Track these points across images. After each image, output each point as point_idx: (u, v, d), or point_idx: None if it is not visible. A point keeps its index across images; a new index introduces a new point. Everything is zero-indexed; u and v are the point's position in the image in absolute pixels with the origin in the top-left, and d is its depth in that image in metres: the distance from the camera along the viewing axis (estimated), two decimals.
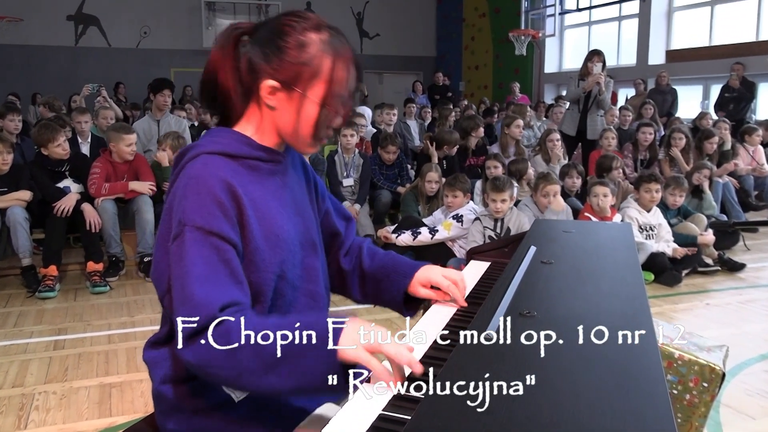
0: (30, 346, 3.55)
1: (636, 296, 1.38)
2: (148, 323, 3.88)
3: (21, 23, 13.40)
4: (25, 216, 4.50)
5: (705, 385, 2.34)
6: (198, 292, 1.16)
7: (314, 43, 1.29)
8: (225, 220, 1.23)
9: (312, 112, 1.30)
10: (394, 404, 1.05)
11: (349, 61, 1.32)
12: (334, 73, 1.29)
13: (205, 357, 1.14)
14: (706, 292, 4.62)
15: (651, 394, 0.94)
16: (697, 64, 10.94)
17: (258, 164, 1.34)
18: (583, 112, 6.87)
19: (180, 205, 1.23)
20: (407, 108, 9.33)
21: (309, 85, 1.29)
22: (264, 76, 1.29)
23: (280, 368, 1.12)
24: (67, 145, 4.78)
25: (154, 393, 1.36)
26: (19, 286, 4.64)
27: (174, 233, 1.23)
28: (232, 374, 1.14)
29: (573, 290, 1.44)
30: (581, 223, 2.56)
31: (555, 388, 0.96)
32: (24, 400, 2.90)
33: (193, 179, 1.24)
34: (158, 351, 1.37)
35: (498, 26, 15.44)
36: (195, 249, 1.19)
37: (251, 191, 1.29)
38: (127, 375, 3.15)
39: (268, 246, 1.29)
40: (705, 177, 5.88)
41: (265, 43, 1.30)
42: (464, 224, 4.67)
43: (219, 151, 1.29)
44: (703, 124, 8.01)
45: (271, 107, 1.32)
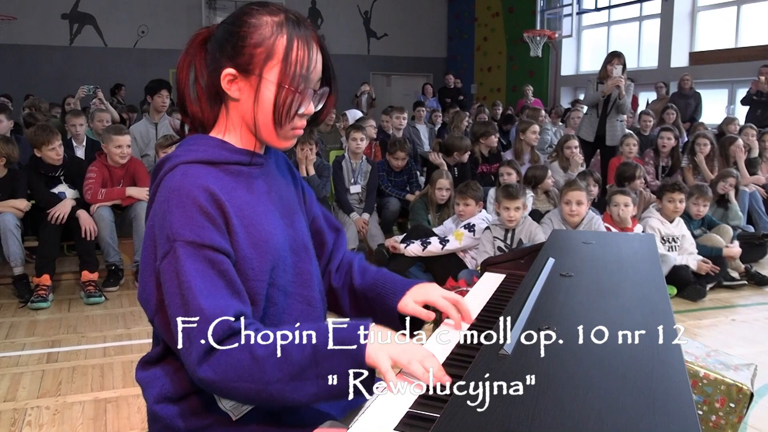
0: (22, 359, 3.57)
1: (661, 311, 1.38)
2: (145, 336, 3.90)
3: (14, 22, 13.49)
4: (16, 223, 4.53)
5: (732, 406, 2.33)
6: (206, 306, 1.18)
7: (267, 24, 1.31)
8: (214, 230, 1.24)
9: (270, 94, 1.31)
10: (421, 402, 1.12)
11: (308, 41, 1.33)
12: (290, 52, 1.30)
13: (229, 372, 1.16)
14: (733, 307, 4.60)
15: (678, 412, 0.95)
16: (723, 66, 10.92)
17: (240, 169, 1.35)
18: (602, 117, 6.87)
19: (165, 221, 1.24)
20: (417, 112, 9.35)
21: (264, 66, 1.30)
22: (222, 66, 1.32)
23: (306, 375, 1.17)
24: (61, 150, 4.81)
25: (149, 413, 1.37)
26: (10, 296, 4.67)
27: (163, 251, 1.23)
28: (258, 386, 1.16)
29: (594, 305, 1.44)
30: (602, 234, 2.57)
31: (578, 407, 0.97)
32: (16, 415, 2.91)
33: (175, 191, 1.25)
34: (151, 371, 1.38)
35: (512, 26, 15.47)
36: (189, 264, 1.20)
37: (235, 197, 1.30)
38: (123, 390, 3.17)
39: (256, 253, 1.30)
40: (731, 186, 5.86)
41: (222, 35, 1.34)
42: (476, 234, 4.66)
43: (197, 159, 1.30)
44: (729, 130, 8.00)
45: (234, 99, 1.33)
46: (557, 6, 14.16)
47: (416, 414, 1.09)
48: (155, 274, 1.26)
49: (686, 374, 1.08)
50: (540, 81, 14.58)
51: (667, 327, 1.28)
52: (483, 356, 1.16)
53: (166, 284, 1.22)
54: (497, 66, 16.29)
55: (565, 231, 2.91)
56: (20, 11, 13.90)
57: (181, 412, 1.32)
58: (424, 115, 9.42)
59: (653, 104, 10.63)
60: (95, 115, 6.63)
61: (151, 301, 1.29)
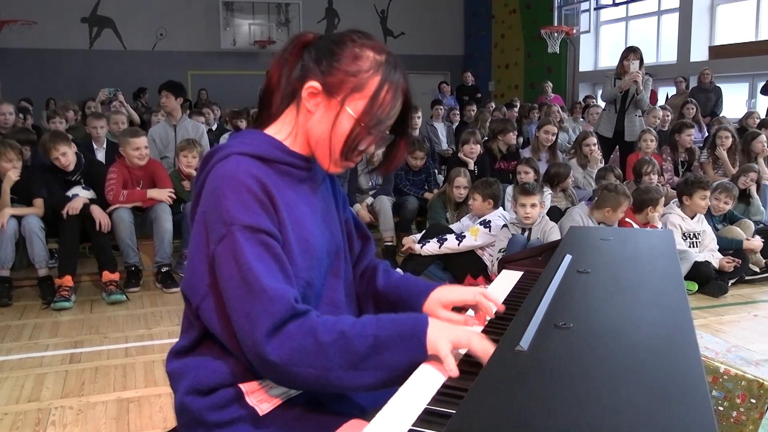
0: (46, 360, 3.62)
1: (678, 307, 1.38)
2: (167, 336, 3.94)
3: (34, 26, 13.64)
4: (41, 225, 4.59)
5: (753, 402, 2.32)
6: (271, 286, 1.21)
7: (368, 59, 1.34)
8: (267, 217, 1.27)
9: (346, 126, 1.34)
10: (439, 399, 1.13)
11: (398, 90, 1.36)
12: (379, 93, 1.33)
13: (294, 356, 1.19)
14: (754, 302, 4.56)
15: (694, 408, 0.95)
16: (743, 60, 10.80)
17: (290, 170, 1.38)
18: (621, 112, 6.83)
19: (219, 205, 1.26)
20: (434, 110, 9.34)
21: (350, 96, 1.33)
22: (310, 77, 1.34)
23: (366, 364, 1.20)
24: (71, 156, 4.81)
25: (178, 405, 1.38)
26: (34, 298, 4.73)
27: (219, 234, 1.25)
28: (318, 372, 1.20)
29: (611, 301, 1.44)
30: (619, 231, 2.56)
31: (594, 403, 0.97)
32: (40, 415, 2.96)
33: (228, 178, 1.27)
34: (183, 360, 1.39)
35: (529, 23, 15.40)
36: (248, 247, 1.23)
37: (283, 195, 1.33)
38: (145, 389, 3.20)
39: (299, 250, 1.33)
40: (752, 181, 5.80)
41: (321, 48, 1.36)
42: (492, 230, 4.66)
43: (250, 153, 1.33)
44: (749, 124, 7.92)
45: (309, 110, 1.36)
46: (575, 2, 14.09)
47: (434, 410, 1.10)
48: (207, 258, 1.28)
49: (703, 370, 1.08)
50: (558, 77, 14.50)
51: (684, 323, 1.28)
52: (499, 352, 1.17)
53: (222, 267, 1.24)
54: (515, 63, 16.23)
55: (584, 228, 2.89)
56: (40, 16, 14.04)
57: (209, 406, 1.33)
58: (442, 113, 9.41)
59: (672, 99, 10.55)
60: (111, 117, 6.70)
61: (199, 287, 1.30)
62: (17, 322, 4.27)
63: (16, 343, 3.88)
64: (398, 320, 1.25)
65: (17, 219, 4.57)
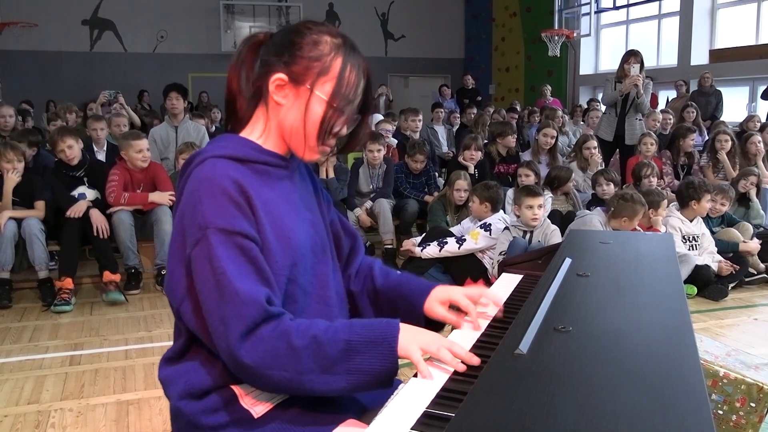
0: (46, 362, 3.62)
1: (677, 310, 1.38)
2: (166, 338, 3.93)
3: (35, 29, 13.66)
4: (41, 227, 4.59)
5: (753, 406, 2.32)
6: (242, 288, 1.22)
7: (327, 43, 1.37)
8: (244, 218, 1.28)
9: (318, 110, 1.36)
10: (438, 402, 1.14)
11: (360, 69, 1.39)
12: (343, 72, 1.36)
13: (267, 359, 1.21)
14: (754, 306, 4.56)
15: (692, 412, 0.95)
16: (744, 64, 10.81)
17: (267, 169, 1.39)
18: (621, 116, 6.83)
19: (196, 210, 1.28)
20: (435, 113, 9.34)
21: (317, 81, 1.35)
22: (274, 70, 1.36)
23: (337, 368, 1.22)
24: (77, 150, 4.85)
25: (173, 410, 1.39)
26: (34, 300, 4.73)
27: (194, 238, 1.27)
28: (291, 376, 1.21)
29: (610, 304, 1.44)
30: (619, 234, 2.56)
31: (593, 406, 0.98)
32: (40, 417, 2.95)
33: (204, 182, 1.29)
34: (175, 367, 1.40)
35: (530, 26, 15.42)
36: (222, 250, 1.24)
37: (261, 194, 1.34)
38: (145, 392, 3.20)
39: (279, 247, 1.34)
40: (752, 184, 5.80)
41: (279, 42, 1.39)
42: (493, 233, 4.66)
43: (226, 155, 1.35)
44: (750, 128, 7.91)
45: (278, 102, 1.37)
46: (575, 5, 14.10)
47: (433, 414, 1.10)
48: (183, 262, 1.30)
49: (702, 374, 1.08)
50: (558, 80, 14.52)
51: (683, 327, 1.28)
52: (499, 355, 1.17)
53: (197, 270, 1.26)
54: (515, 66, 16.24)
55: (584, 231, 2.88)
56: (41, 18, 14.06)
57: (204, 409, 1.34)
58: (442, 116, 9.41)
59: (673, 103, 10.55)
60: (112, 119, 6.70)
61: (177, 290, 1.32)
62: (17, 324, 4.27)
63: (16, 345, 3.88)
64: (370, 326, 1.27)
65: (17, 221, 4.58)
